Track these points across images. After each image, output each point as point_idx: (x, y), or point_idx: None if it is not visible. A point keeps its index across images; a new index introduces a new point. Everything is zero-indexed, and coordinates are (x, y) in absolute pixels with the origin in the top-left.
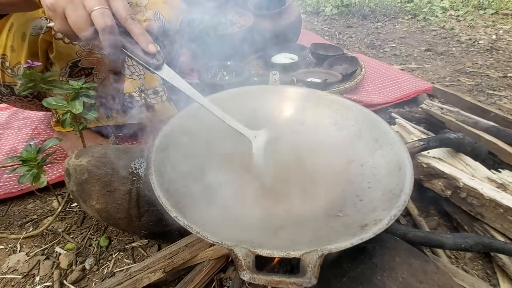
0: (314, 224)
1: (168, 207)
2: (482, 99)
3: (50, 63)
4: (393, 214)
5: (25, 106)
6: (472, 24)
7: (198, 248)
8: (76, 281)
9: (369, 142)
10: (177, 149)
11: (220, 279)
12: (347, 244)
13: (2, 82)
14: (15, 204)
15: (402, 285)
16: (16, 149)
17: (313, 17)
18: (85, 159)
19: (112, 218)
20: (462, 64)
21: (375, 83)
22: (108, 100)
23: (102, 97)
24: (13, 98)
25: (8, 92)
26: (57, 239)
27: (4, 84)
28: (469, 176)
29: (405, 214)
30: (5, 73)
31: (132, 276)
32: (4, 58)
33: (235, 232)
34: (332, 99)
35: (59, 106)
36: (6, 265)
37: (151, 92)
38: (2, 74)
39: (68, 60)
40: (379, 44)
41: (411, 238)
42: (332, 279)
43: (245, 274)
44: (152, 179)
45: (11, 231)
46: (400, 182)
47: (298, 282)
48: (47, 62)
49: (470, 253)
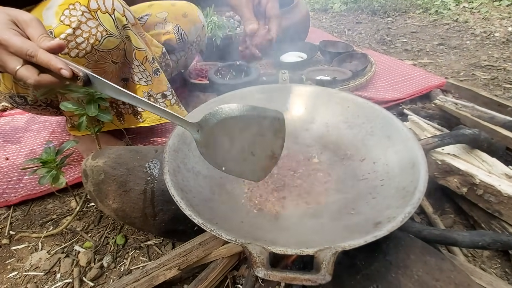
0: (326, 222)
1: (182, 205)
2: (499, 93)
3: None
4: (407, 211)
5: (40, 113)
6: (486, 16)
7: (211, 246)
8: (95, 278)
9: (381, 139)
10: (189, 149)
11: (233, 276)
12: (360, 242)
13: (16, 93)
14: (36, 205)
15: (417, 282)
16: (35, 151)
17: (322, 14)
18: (101, 160)
19: (128, 217)
20: (477, 58)
21: (386, 79)
22: (119, 105)
23: (113, 101)
24: (28, 107)
25: (23, 102)
26: (76, 238)
27: (18, 94)
28: (485, 172)
29: (419, 212)
30: (18, 85)
31: (148, 273)
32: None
33: (248, 230)
34: (343, 97)
35: (76, 109)
36: (29, 263)
37: (160, 96)
38: (15, 86)
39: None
40: (389, 39)
41: (426, 236)
42: (345, 277)
43: (260, 270)
44: (167, 178)
45: (33, 230)
46: (414, 179)
47: (312, 278)
48: None
49: (488, 252)
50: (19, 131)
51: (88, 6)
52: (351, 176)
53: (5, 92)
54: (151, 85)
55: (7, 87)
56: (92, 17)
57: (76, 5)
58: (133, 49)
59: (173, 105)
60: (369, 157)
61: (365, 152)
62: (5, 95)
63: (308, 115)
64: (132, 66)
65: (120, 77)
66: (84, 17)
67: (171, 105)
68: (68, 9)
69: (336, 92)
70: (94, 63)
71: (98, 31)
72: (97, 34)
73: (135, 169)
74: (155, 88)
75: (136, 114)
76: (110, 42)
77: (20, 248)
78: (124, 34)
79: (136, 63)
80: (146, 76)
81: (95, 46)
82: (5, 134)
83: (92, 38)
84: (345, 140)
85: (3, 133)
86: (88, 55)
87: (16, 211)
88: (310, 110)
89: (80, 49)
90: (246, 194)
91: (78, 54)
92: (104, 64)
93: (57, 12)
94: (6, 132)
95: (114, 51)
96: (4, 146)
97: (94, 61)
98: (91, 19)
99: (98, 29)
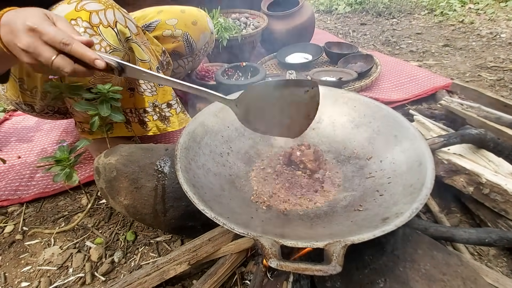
0: (334, 218)
1: (195, 200)
2: (505, 94)
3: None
4: (414, 207)
5: (47, 118)
6: (493, 17)
7: (220, 242)
8: (106, 272)
9: (388, 138)
10: (199, 147)
11: (242, 272)
12: (369, 236)
13: (23, 101)
14: (48, 202)
15: (425, 276)
16: (46, 150)
17: (326, 16)
18: (113, 157)
19: (138, 214)
20: (483, 59)
21: (391, 80)
22: (126, 113)
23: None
24: (34, 114)
25: (29, 109)
26: (87, 234)
27: (25, 103)
28: (492, 172)
29: (425, 211)
30: (25, 94)
31: (159, 268)
32: (22, 81)
33: (258, 225)
34: (349, 97)
35: (89, 109)
36: (42, 258)
37: (165, 106)
38: (22, 95)
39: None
40: (394, 40)
41: (433, 233)
42: (354, 271)
43: (273, 261)
44: (179, 175)
45: (45, 226)
46: (421, 177)
47: (324, 269)
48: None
49: (494, 250)
50: (31, 130)
51: (90, 21)
52: (358, 174)
53: (12, 99)
54: (156, 95)
55: (14, 95)
56: (95, 32)
57: (78, 20)
58: (137, 61)
59: (178, 113)
60: (376, 156)
61: (371, 150)
62: (11, 101)
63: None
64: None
65: (127, 87)
66: (87, 34)
67: (177, 114)
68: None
69: (342, 92)
70: (100, 78)
71: (101, 47)
72: (100, 50)
73: (146, 167)
74: (160, 98)
75: (142, 123)
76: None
77: (33, 244)
78: (127, 46)
79: None
80: (151, 87)
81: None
82: (17, 133)
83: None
84: (351, 139)
85: (15, 132)
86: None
87: (28, 208)
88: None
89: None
90: (255, 191)
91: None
92: (110, 78)
93: None
94: (18, 131)
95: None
96: (16, 145)
97: (99, 77)
98: (94, 35)
99: (101, 44)
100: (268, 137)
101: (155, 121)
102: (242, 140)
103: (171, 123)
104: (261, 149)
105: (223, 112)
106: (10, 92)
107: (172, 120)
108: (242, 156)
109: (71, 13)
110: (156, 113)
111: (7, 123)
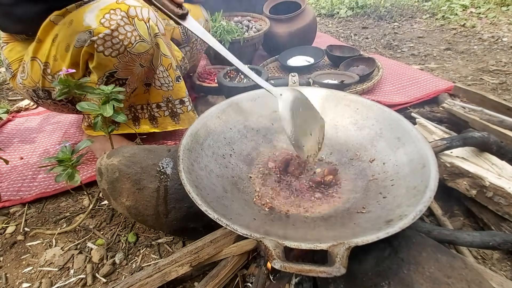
0: (337, 220)
1: (198, 201)
2: (508, 97)
3: (89, 72)
4: (419, 209)
5: (58, 109)
6: (494, 21)
7: (222, 244)
8: (107, 274)
9: (390, 140)
10: (202, 148)
11: (243, 275)
12: (373, 238)
13: (42, 87)
14: (50, 203)
15: (429, 279)
16: (48, 151)
17: (328, 19)
18: (116, 158)
19: (140, 215)
20: (485, 63)
21: (393, 83)
22: (137, 109)
23: (131, 106)
24: (49, 101)
25: (45, 96)
26: (89, 235)
27: (43, 88)
28: (495, 175)
29: (428, 214)
30: (46, 79)
31: (161, 269)
32: (47, 66)
33: (261, 227)
34: (352, 99)
35: (91, 110)
36: (44, 258)
37: (178, 102)
38: (42, 80)
39: (106, 71)
40: (396, 44)
41: (436, 236)
42: (357, 274)
43: (276, 262)
44: (182, 175)
45: (47, 227)
46: (424, 179)
47: (328, 270)
48: (86, 71)
49: (498, 254)
50: (33, 131)
51: (127, 12)
52: (361, 176)
53: (30, 85)
54: (171, 91)
55: (34, 80)
56: (130, 22)
57: (117, 10)
58: (160, 56)
59: (189, 111)
60: (378, 158)
61: (374, 153)
62: (28, 88)
63: None
64: (156, 72)
65: (144, 82)
66: (123, 21)
67: (188, 111)
68: (109, 13)
69: (345, 94)
70: (124, 63)
71: (132, 35)
72: (131, 38)
73: (148, 168)
74: (174, 94)
75: (152, 119)
76: (142, 46)
77: (35, 244)
78: (155, 41)
79: (161, 68)
80: (168, 82)
81: (127, 48)
82: (19, 134)
83: (126, 41)
84: (354, 141)
85: (17, 134)
86: (120, 55)
87: (30, 208)
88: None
89: (114, 49)
90: (258, 193)
91: (111, 53)
92: (133, 66)
93: (97, 15)
94: (21, 132)
95: (143, 55)
96: (19, 146)
97: (124, 62)
98: (128, 24)
99: (133, 33)
100: (270, 139)
101: (166, 117)
102: (244, 142)
103: (181, 120)
104: (263, 151)
105: (226, 114)
106: (29, 79)
107: (182, 118)
108: (245, 157)
109: (112, 4)
110: (168, 109)
111: (10, 124)
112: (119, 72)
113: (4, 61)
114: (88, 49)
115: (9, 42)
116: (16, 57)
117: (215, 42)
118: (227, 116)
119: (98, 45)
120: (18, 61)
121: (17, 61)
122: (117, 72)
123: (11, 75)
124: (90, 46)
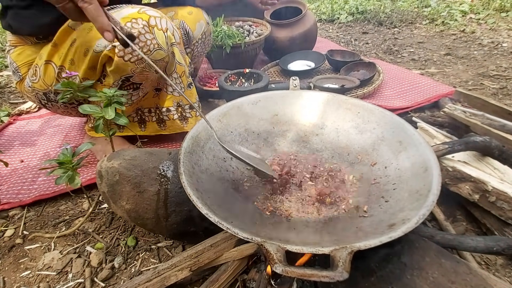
0: (339, 224)
1: (199, 205)
2: (508, 102)
3: (104, 75)
4: (421, 213)
5: (67, 112)
6: (494, 27)
7: (222, 248)
8: (106, 278)
9: (392, 144)
10: (203, 151)
11: (244, 280)
12: (376, 242)
13: (54, 90)
14: (49, 206)
15: (433, 284)
16: (49, 154)
17: (328, 24)
18: (116, 161)
19: (140, 218)
20: (485, 68)
21: (394, 88)
22: (144, 112)
23: (138, 109)
24: (59, 104)
25: (56, 98)
26: (88, 239)
27: (55, 91)
28: (497, 179)
29: (430, 219)
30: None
31: (160, 274)
32: (62, 69)
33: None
34: (353, 103)
35: (93, 112)
36: (42, 262)
37: (188, 107)
38: (56, 83)
39: (123, 75)
40: (396, 49)
41: (439, 241)
42: (360, 279)
43: (278, 266)
44: (183, 179)
45: (46, 231)
46: (427, 183)
47: (330, 275)
48: (101, 74)
49: (502, 260)
50: (34, 134)
51: (148, 22)
52: (362, 180)
53: (41, 88)
54: (183, 96)
55: (46, 83)
56: (150, 31)
57: (139, 20)
58: (175, 63)
59: (198, 116)
60: (380, 162)
61: (376, 156)
62: (38, 91)
63: (319, 121)
64: (170, 78)
65: (155, 87)
66: (144, 30)
67: (196, 116)
68: (131, 21)
69: (346, 98)
70: (140, 69)
71: (152, 43)
72: (150, 46)
73: (149, 171)
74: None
75: (160, 122)
76: (159, 54)
77: (33, 248)
78: (171, 50)
79: (175, 75)
80: (180, 88)
81: (146, 55)
82: (20, 137)
83: (145, 48)
84: (355, 145)
85: (18, 136)
86: (138, 61)
87: (29, 211)
88: (320, 116)
89: (134, 55)
90: (259, 197)
91: (130, 59)
92: (148, 72)
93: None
94: (22, 135)
95: (159, 62)
96: (19, 149)
97: (141, 68)
98: (148, 32)
99: (152, 41)
100: (271, 142)
101: (175, 120)
102: (245, 145)
103: (188, 123)
104: (264, 154)
105: (227, 117)
106: (41, 82)
107: (190, 121)
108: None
109: (134, 13)
110: (178, 113)
111: (11, 127)
112: (134, 77)
113: (12, 65)
114: (108, 52)
115: (17, 45)
116: (26, 60)
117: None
118: (228, 119)
119: (119, 50)
120: (28, 65)
121: (27, 65)
122: (133, 76)
123: (19, 78)
124: (110, 50)
